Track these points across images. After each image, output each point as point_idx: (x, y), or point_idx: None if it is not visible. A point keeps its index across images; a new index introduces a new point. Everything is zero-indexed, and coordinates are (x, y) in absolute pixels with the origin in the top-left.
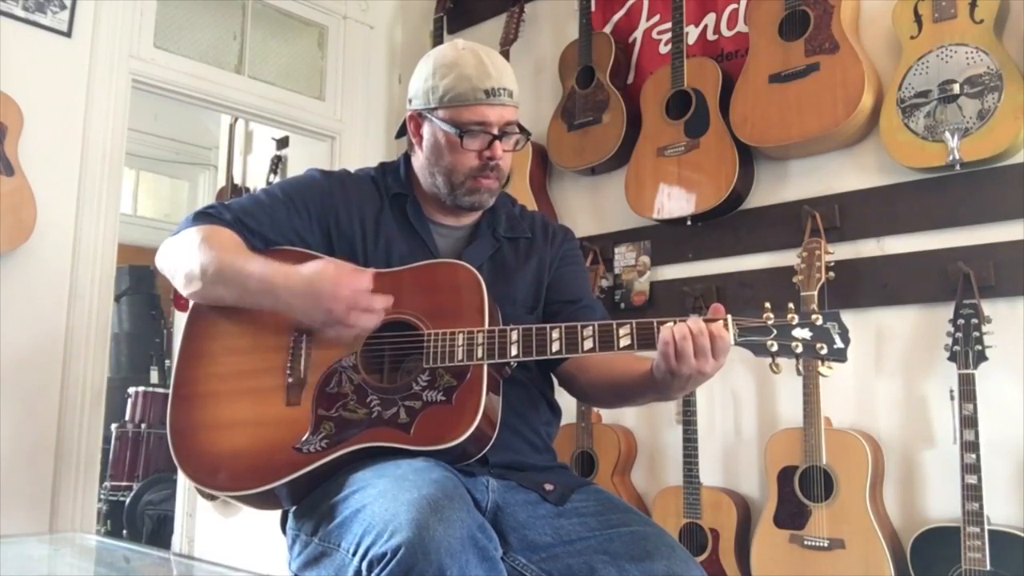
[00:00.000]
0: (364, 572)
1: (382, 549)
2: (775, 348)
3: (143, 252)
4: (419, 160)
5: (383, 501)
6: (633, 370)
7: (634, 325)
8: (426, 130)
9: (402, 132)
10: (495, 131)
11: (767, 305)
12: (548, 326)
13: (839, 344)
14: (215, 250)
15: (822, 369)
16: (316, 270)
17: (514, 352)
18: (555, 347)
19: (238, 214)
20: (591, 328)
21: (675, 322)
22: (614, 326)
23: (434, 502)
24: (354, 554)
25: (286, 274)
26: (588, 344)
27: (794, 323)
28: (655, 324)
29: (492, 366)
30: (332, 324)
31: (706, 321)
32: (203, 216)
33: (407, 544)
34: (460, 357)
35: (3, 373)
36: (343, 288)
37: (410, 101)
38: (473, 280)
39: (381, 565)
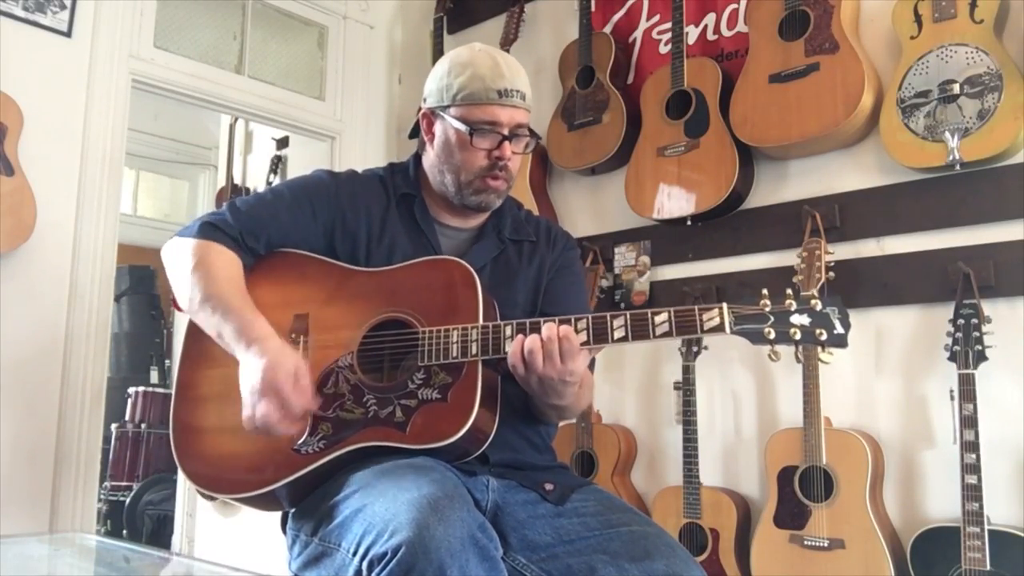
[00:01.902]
0: (364, 572)
1: (382, 548)
2: (772, 335)
3: (143, 252)
4: (430, 158)
5: (383, 501)
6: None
7: (628, 317)
8: (438, 128)
9: (415, 132)
10: (505, 131)
11: (764, 292)
12: (542, 320)
13: (839, 329)
14: (206, 279)
15: (823, 356)
16: (278, 361)
17: (508, 348)
18: None
19: (244, 222)
20: (585, 321)
21: (524, 336)
22: (608, 318)
23: (434, 501)
24: (354, 554)
25: (255, 340)
26: (583, 337)
27: (792, 309)
28: (648, 314)
29: (488, 362)
30: (257, 412)
31: (560, 321)
32: (209, 228)
33: (407, 543)
34: (455, 354)
35: (3, 373)
36: (292, 398)
37: (424, 100)
38: (467, 276)
39: (381, 565)
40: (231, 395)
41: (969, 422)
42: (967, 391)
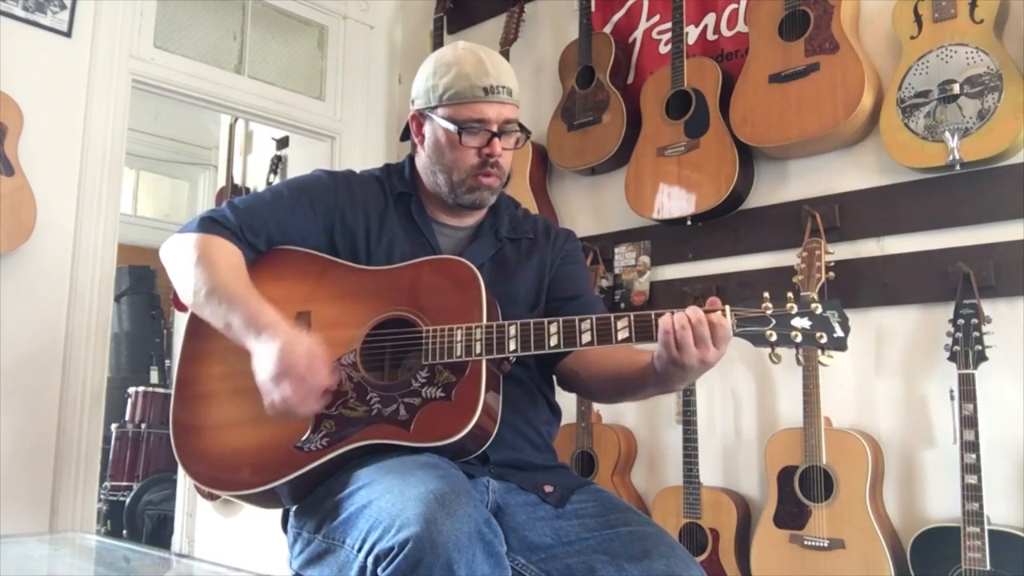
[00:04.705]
0: (370, 567)
1: (389, 543)
2: (774, 338)
3: (143, 252)
4: (422, 160)
5: (389, 497)
6: (633, 363)
7: (632, 317)
8: (427, 129)
9: (407, 134)
10: (494, 128)
11: (766, 295)
12: (546, 320)
13: (839, 333)
14: (210, 271)
15: (822, 359)
16: (292, 343)
17: (512, 347)
18: (553, 341)
19: (243, 217)
20: (589, 321)
21: (673, 312)
22: (612, 319)
23: (441, 497)
24: (359, 550)
25: (265, 326)
26: (586, 337)
27: (793, 312)
28: (652, 316)
29: (491, 362)
30: (277, 396)
31: (705, 311)
32: (209, 223)
33: (415, 538)
34: (459, 353)
35: (3, 373)
36: (310, 378)
37: (412, 102)
38: (470, 275)
39: (388, 559)
40: (231, 393)
41: (969, 422)
42: (967, 391)
